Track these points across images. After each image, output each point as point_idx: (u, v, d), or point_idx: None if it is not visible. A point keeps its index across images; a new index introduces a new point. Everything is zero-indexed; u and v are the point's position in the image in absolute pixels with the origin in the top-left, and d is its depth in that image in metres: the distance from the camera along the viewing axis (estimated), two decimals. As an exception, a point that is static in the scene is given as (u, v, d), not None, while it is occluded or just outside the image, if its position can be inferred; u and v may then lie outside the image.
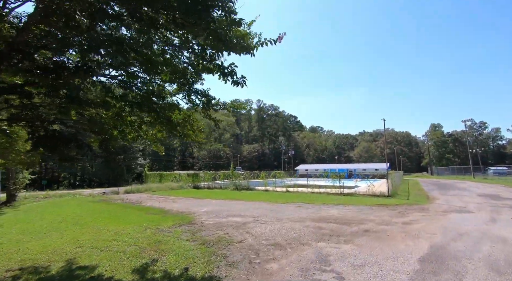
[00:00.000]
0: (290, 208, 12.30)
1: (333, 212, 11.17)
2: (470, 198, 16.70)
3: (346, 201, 14.78)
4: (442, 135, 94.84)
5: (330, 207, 12.71)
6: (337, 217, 9.94)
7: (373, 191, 18.17)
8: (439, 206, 13.46)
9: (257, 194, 18.82)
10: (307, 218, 9.76)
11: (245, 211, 11.43)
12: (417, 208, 12.59)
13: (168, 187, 23.42)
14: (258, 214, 10.65)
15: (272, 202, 14.42)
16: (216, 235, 7.00)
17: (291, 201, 14.94)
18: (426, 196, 18.29)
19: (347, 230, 7.77)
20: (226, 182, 23.61)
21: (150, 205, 13.70)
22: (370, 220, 9.47)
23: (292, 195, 18.43)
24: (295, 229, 7.86)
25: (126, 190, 21.48)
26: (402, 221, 9.29)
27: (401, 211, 11.61)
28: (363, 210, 11.95)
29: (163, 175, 26.98)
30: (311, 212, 11.24)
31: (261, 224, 8.64)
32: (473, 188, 24.73)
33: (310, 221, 9.16)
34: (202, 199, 16.54)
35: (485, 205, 13.66)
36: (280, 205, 13.31)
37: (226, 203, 14.47)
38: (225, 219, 9.50)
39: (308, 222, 8.89)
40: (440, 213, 11.03)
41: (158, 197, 17.99)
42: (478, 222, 9.06)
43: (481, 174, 53.82)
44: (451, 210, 12.07)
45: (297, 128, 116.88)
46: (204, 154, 68.03)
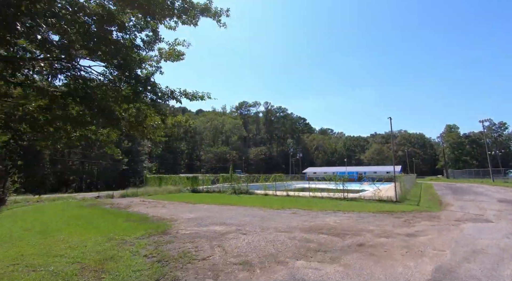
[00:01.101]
0: (283, 215, 11.21)
1: (329, 220, 10.01)
2: (488, 204, 15.07)
3: (347, 207, 13.52)
4: (458, 137, 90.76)
5: (328, 214, 11.53)
6: (331, 227, 8.80)
7: (379, 195, 16.78)
8: (452, 213, 12.02)
9: (254, 199, 17.78)
10: (296, 227, 8.67)
11: (232, 218, 10.44)
12: (426, 216, 11.23)
13: (166, 190, 22.74)
14: (245, 222, 9.63)
15: (267, 208, 13.36)
16: (182, 249, 6.04)
17: (287, 206, 13.83)
18: (438, 202, 16.72)
19: (337, 244, 6.64)
20: (225, 186, 22.71)
21: (135, 210, 12.92)
22: (369, 230, 8.27)
23: (292, 199, 17.28)
24: (277, 241, 6.80)
25: (122, 194, 20.94)
26: (406, 232, 8.05)
27: (407, 220, 10.30)
28: (364, 218, 10.71)
29: (163, 179, 26.38)
30: (304, 220, 10.12)
31: (242, 234, 7.62)
32: (492, 193, 22.77)
33: (299, 231, 8.07)
34: (195, 204, 15.66)
35: (505, 213, 12.11)
36: (274, 212, 12.23)
37: (217, 208, 13.51)
38: (205, 228, 8.54)
39: (296, 233, 7.80)
40: (453, 223, 9.67)
41: (151, 201, 17.26)
42: (497, 235, 7.70)
43: (501, 177, 50.60)
44: (466, 218, 10.65)
45: (306, 130, 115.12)
46: (210, 157, 67.57)
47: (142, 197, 19.79)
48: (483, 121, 49.77)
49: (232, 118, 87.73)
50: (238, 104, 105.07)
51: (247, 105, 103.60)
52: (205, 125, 78.81)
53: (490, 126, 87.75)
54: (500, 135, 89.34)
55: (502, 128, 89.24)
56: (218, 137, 79.86)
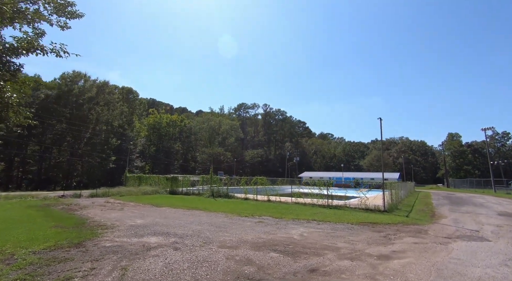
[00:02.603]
0: (245, 224, 9.68)
1: (294, 233, 8.47)
2: (487, 218, 13.44)
3: (326, 216, 11.96)
4: (460, 145, 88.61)
5: (298, 225, 9.98)
6: (291, 242, 7.27)
7: (366, 204, 15.20)
8: (444, 228, 10.43)
9: (229, 203, 16.24)
10: (248, 241, 7.14)
11: (183, 227, 8.93)
12: (412, 230, 9.65)
13: (141, 191, 21.24)
14: (193, 232, 8.12)
15: (234, 215, 11.83)
16: (65, 275, 4.53)
17: (259, 214, 12.29)
18: (431, 213, 15.10)
19: (283, 269, 5.12)
20: (205, 188, 21.19)
21: (84, 213, 11.43)
22: (335, 248, 6.74)
23: (269, 206, 15.74)
24: (206, 263, 5.29)
25: (91, 193, 19.46)
26: (379, 253, 6.50)
27: (388, 235, 8.74)
28: (338, 230, 9.16)
29: (142, 178, 24.92)
30: (266, 231, 8.59)
31: (172, 250, 6.12)
32: (493, 204, 21.06)
33: (248, 247, 6.54)
34: (159, 207, 14.16)
35: (506, 229, 10.51)
36: (239, 220, 10.70)
37: (179, 214, 12.01)
38: (136, 240, 7.04)
39: (242, 250, 6.28)
40: (441, 241, 8.10)
41: (115, 202, 15.77)
42: (494, 260, 6.14)
43: (503, 188, 48.64)
44: (458, 235, 9.07)
45: (305, 134, 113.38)
46: (204, 158, 66.05)
47: (112, 198, 18.32)
48: (485, 129, 47.84)
49: (229, 119, 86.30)
50: (237, 105, 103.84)
51: (246, 107, 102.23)
52: (201, 126, 77.44)
53: (493, 135, 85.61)
54: (504, 145, 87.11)
55: (505, 138, 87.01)
56: (215, 138, 78.35)
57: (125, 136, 51.08)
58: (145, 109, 67.32)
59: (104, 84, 48.29)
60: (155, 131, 66.70)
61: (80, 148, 41.58)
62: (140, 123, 64.75)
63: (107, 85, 49.02)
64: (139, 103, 62.85)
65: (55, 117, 39.87)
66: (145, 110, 66.86)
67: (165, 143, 66.42)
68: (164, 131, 67.59)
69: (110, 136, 44.43)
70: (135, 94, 61.45)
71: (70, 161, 41.64)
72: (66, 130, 40.83)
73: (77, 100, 42.52)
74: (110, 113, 48.03)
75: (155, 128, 66.80)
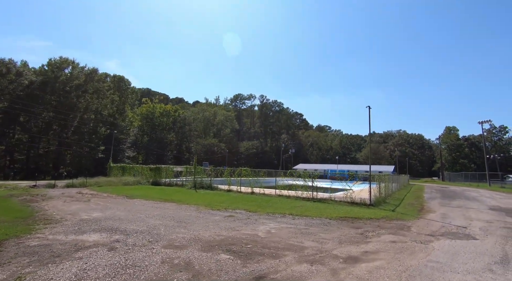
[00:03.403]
0: (211, 219, 8.85)
1: (262, 229, 7.65)
2: (477, 213, 12.71)
3: (305, 211, 11.16)
4: (456, 139, 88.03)
5: (271, 219, 9.16)
6: (253, 240, 6.44)
7: (352, 197, 14.42)
8: (429, 224, 9.66)
9: (207, 195, 15.43)
10: (203, 240, 6.31)
11: (140, 221, 8.08)
12: (394, 227, 8.87)
13: (122, 182, 20.38)
14: (147, 228, 7.27)
15: (207, 208, 11.01)
16: None
17: (233, 207, 11.48)
18: (419, 207, 14.37)
19: (225, 275, 4.27)
20: (188, 179, 20.36)
21: (42, 206, 10.56)
22: (299, 248, 5.91)
23: (249, 198, 14.93)
24: (132, 268, 4.43)
25: (67, 183, 18.57)
26: (348, 254, 5.68)
27: (366, 232, 7.95)
28: (312, 226, 8.35)
29: (126, 168, 24.05)
30: (231, 227, 7.76)
31: (106, 250, 5.27)
32: (486, 198, 20.40)
33: (198, 247, 5.70)
34: (131, 198, 13.33)
35: (496, 225, 9.76)
36: (207, 214, 9.88)
37: (146, 206, 11.17)
38: (74, 237, 6.19)
39: (188, 251, 5.44)
40: (423, 239, 7.31)
41: (86, 193, 14.92)
42: (478, 264, 5.34)
43: (498, 182, 48.20)
44: (443, 232, 8.29)
45: (302, 126, 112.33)
46: (198, 149, 65.08)
47: (88, 188, 17.45)
48: (482, 122, 46.99)
49: (225, 110, 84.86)
50: (233, 96, 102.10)
51: (242, 97, 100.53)
52: (196, 116, 76.08)
53: (490, 129, 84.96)
54: (501, 139, 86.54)
55: (502, 132, 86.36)
56: (210, 129, 77.19)
57: (116, 126, 49.88)
58: (137, 99, 65.78)
59: (93, 72, 46.67)
60: (148, 121, 65.44)
61: (68, 137, 40.43)
62: (132, 113, 63.40)
63: (96, 72, 47.37)
64: (131, 91, 61.16)
65: (40, 105, 38.58)
66: (137, 99, 65.33)
67: (158, 133, 65.25)
68: (157, 121, 66.31)
69: (99, 125, 43.25)
70: (127, 83, 59.74)
71: (57, 151, 40.58)
72: (52, 118, 39.60)
73: (64, 87, 41.09)
74: (100, 102, 46.67)
75: (148, 118, 65.50)
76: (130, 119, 61.49)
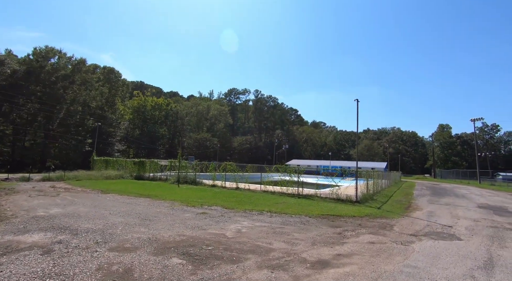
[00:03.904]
0: (181, 217, 8.23)
1: (232, 228, 7.06)
2: (465, 211, 12.34)
3: (285, 208, 10.61)
4: (449, 136, 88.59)
5: (246, 217, 8.58)
6: (217, 241, 5.84)
7: (337, 193, 13.94)
8: (414, 222, 9.19)
9: (188, 191, 14.79)
10: (161, 240, 5.69)
11: (99, 219, 7.43)
12: (376, 225, 8.36)
13: (103, 175, 19.60)
14: (103, 226, 6.63)
15: (181, 204, 10.39)
16: None
17: (211, 203, 10.87)
18: (406, 205, 13.96)
19: (165, 284, 3.66)
20: (172, 174, 19.67)
21: (1, 201, 9.79)
22: (266, 251, 5.33)
23: (232, 193, 14.35)
24: (53, 278, 3.79)
25: (44, 177, 17.70)
26: (319, 257, 5.12)
27: (345, 231, 7.42)
28: (288, 225, 7.79)
29: (109, 162, 23.22)
30: (198, 225, 7.16)
31: (39, 254, 4.62)
32: (475, 196, 20.18)
33: (150, 250, 5.09)
34: (105, 193, 12.62)
35: (483, 224, 9.34)
36: (179, 210, 9.25)
37: (116, 202, 10.49)
38: (11, 238, 5.52)
39: (135, 254, 4.82)
40: (404, 239, 6.80)
41: (60, 187, 14.16)
42: (459, 268, 4.83)
43: (488, 179, 48.56)
44: (427, 232, 7.81)
45: (297, 122, 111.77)
46: (190, 143, 64.16)
47: (64, 182, 16.66)
48: (474, 120, 46.97)
49: (219, 104, 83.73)
50: (227, 90, 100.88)
51: (236, 92, 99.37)
52: (189, 110, 74.87)
53: (483, 127, 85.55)
54: (492, 137, 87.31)
55: (494, 130, 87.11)
56: (203, 123, 76.18)
57: (105, 118, 48.64)
58: (128, 91, 64.16)
59: (80, 62, 45.14)
60: (139, 114, 64.16)
61: (53, 129, 39.17)
62: (123, 106, 61.98)
63: (84, 63, 45.84)
64: (122, 84, 59.59)
65: (25, 96, 37.19)
66: (128, 91, 63.73)
67: (149, 127, 64.07)
68: (149, 114, 65.07)
69: (87, 118, 42.01)
70: (117, 75, 58.15)
71: (43, 143, 39.34)
72: (38, 110, 38.26)
73: (49, 77, 39.64)
74: (88, 94, 45.30)
75: (139, 111, 64.21)
76: (121, 112, 60.09)
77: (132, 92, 72.64)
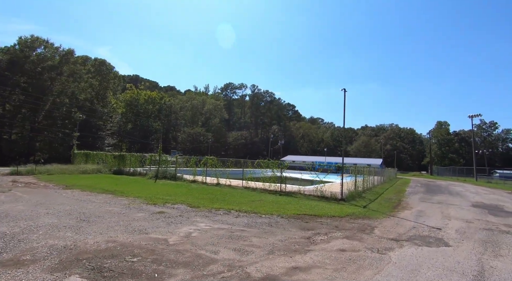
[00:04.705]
0: (132, 216, 7.21)
1: (182, 232, 6.04)
2: (457, 210, 11.38)
3: (258, 206, 9.60)
4: (446, 133, 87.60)
5: (207, 217, 7.56)
6: (151, 249, 4.81)
7: (322, 190, 12.94)
8: (399, 224, 8.20)
9: (162, 186, 13.77)
10: (79, 249, 4.68)
11: (30, 220, 6.42)
12: (355, 228, 7.37)
13: (80, 170, 18.54)
14: (21, 229, 5.60)
15: (142, 201, 9.36)
16: None
17: (176, 200, 9.84)
18: (396, 203, 13.00)
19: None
20: (152, 169, 18.61)
21: None
22: (206, 262, 4.31)
23: (209, 190, 13.34)
24: None
25: (12, 171, 16.54)
26: (269, 272, 4.10)
27: (316, 235, 6.41)
28: (251, 227, 6.78)
29: (89, 156, 22.14)
30: (144, 228, 6.13)
31: None
32: (470, 194, 19.28)
33: (54, 262, 4.07)
34: (68, 189, 11.58)
35: (476, 226, 8.37)
36: (134, 209, 8.22)
37: (70, 199, 9.45)
38: None
39: (30, 269, 3.80)
40: (383, 245, 5.80)
41: (24, 182, 13.12)
42: (439, 290, 3.82)
43: (485, 177, 47.77)
44: (411, 235, 6.82)
45: (294, 117, 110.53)
46: (184, 138, 62.98)
47: (34, 176, 15.58)
48: (472, 116, 46.05)
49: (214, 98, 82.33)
50: (223, 85, 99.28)
51: (233, 86, 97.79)
52: (183, 104, 73.47)
53: (481, 124, 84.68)
54: (490, 134, 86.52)
55: (492, 128, 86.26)
56: (198, 118, 74.88)
57: (95, 111, 47.36)
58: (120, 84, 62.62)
59: (68, 53, 43.62)
60: (132, 108, 62.81)
61: (38, 122, 37.92)
62: (115, 99, 60.58)
63: (72, 54, 44.33)
64: (114, 76, 58.06)
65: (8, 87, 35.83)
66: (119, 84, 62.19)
67: (142, 121, 62.78)
68: (142, 108, 63.73)
69: (74, 110, 40.70)
70: (109, 67, 56.64)
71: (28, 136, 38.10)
72: (22, 101, 36.93)
73: (35, 68, 38.24)
74: (76, 86, 43.92)
75: (132, 105, 62.85)
76: (113, 106, 58.72)
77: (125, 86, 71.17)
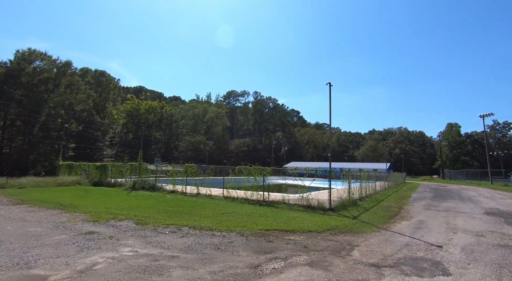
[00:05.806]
0: (48, 240, 5.87)
1: (89, 261, 4.61)
2: (467, 220, 9.55)
3: (221, 221, 8.10)
4: (458, 135, 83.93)
5: (145, 238, 6.12)
6: None
7: (308, 199, 11.34)
8: (388, 240, 6.55)
9: (132, 198, 12.41)
10: None
11: None
12: (328, 248, 5.76)
13: (56, 182, 17.45)
14: None
15: (85, 218, 8.02)
16: None
17: (129, 216, 8.45)
18: (395, 212, 11.24)
19: None
20: (133, 179, 17.37)
21: None
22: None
23: (180, 201, 11.90)
24: None
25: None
26: None
27: (269, 261, 4.86)
28: (189, 252, 5.29)
29: (73, 167, 21.17)
30: (42, 257, 4.74)
31: None
32: (484, 199, 17.18)
33: None
34: (16, 204, 10.37)
35: (488, 241, 6.61)
36: (66, 228, 6.91)
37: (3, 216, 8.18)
38: None
39: None
40: (356, 276, 4.21)
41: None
42: None
43: (501, 180, 44.68)
44: (399, 258, 5.17)
45: (299, 124, 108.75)
46: (184, 147, 62.09)
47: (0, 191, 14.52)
48: (483, 116, 43.34)
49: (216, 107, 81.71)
50: (226, 93, 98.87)
51: (235, 94, 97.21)
52: (185, 113, 73.00)
53: (494, 125, 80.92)
54: (504, 135, 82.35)
55: (506, 128, 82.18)
56: (199, 126, 74.14)
57: (93, 123, 47.07)
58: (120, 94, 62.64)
59: (66, 65, 43.79)
60: (132, 118, 62.62)
61: (33, 134, 37.58)
62: (116, 110, 60.49)
63: (70, 65, 44.49)
64: (113, 87, 58.12)
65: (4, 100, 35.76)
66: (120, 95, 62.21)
67: (143, 131, 62.39)
68: (142, 117, 63.47)
69: (70, 122, 40.34)
70: (109, 77, 56.77)
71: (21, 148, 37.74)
72: (16, 114, 36.79)
73: (31, 81, 38.26)
74: (74, 97, 43.81)
75: (132, 115, 62.66)
76: (114, 117, 58.61)
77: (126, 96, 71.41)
